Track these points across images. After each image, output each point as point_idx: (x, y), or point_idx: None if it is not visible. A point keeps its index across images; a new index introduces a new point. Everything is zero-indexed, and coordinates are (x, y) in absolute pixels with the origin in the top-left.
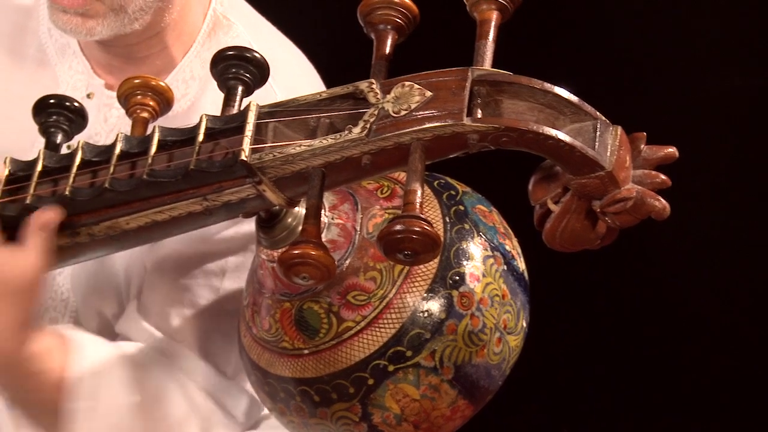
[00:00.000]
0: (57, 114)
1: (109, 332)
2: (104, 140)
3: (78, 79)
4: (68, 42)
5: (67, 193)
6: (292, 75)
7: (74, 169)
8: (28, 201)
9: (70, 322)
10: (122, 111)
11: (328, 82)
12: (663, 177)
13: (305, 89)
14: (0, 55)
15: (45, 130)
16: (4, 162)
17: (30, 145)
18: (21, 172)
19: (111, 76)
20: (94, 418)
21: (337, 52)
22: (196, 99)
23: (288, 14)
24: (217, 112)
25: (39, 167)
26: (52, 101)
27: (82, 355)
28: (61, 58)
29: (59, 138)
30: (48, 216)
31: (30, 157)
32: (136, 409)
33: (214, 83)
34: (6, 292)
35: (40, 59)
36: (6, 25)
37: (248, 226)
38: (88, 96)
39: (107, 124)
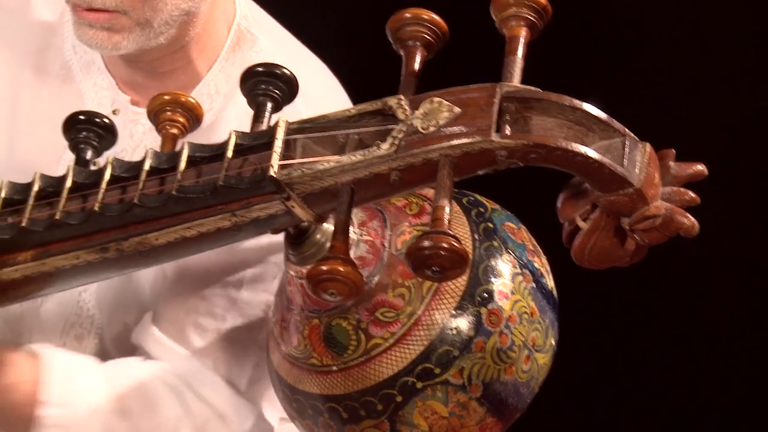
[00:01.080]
0: (87, 130)
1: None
2: (130, 156)
3: (103, 95)
4: (93, 58)
5: (96, 208)
6: (317, 90)
7: (104, 185)
8: (57, 217)
9: (96, 338)
10: (147, 126)
11: (354, 97)
12: (692, 194)
13: (330, 104)
14: (25, 73)
15: (75, 146)
16: (34, 178)
17: (55, 161)
18: (50, 188)
19: (135, 92)
20: (68, 424)
21: (362, 67)
22: (220, 113)
23: (312, 29)
24: (241, 126)
25: (68, 183)
26: (81, 117)
27: (54, 365)
28: (86, 74)
29: (89, 154)
30: None
31: (57, 174)
32: (114, 414)
33: (238, 98)
34: None
35: (64, 76)
36: (31, 43)
37: (267, 238)
38: (114, 112)
39: (133, 139)
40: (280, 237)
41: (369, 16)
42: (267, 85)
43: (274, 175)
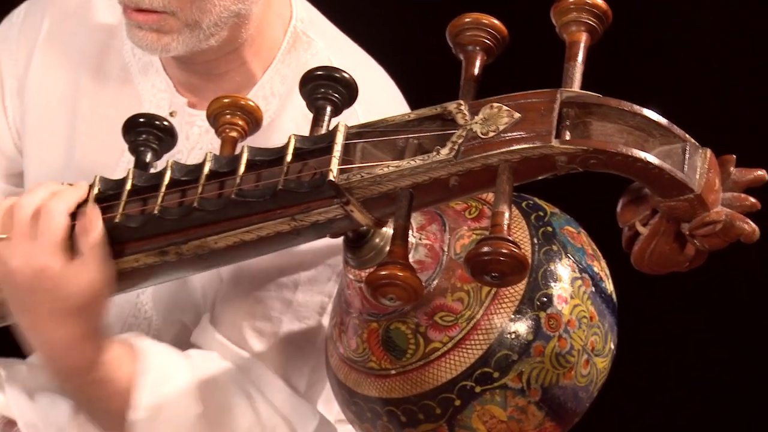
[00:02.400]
0: (146, 133)
1: (190, 348)
2: (186, 158)
3: (161, 97)
4: (151, 60)
5: (155, 212)
6: (374, 93)
7: (163, 188)
8: (117, 220)
9: (154, 339)
10: (203, 128)
11: (409, 101)
12: (752, 200)
13: (387, 107)
14: (85, 75)
15: (135, 149)
16: (94, 181)
17: (114, 163)
18: (110, 190)
19: (192, 93)
20: (156, 428)
21: (418, 70)
22: (275, 116)
23: (368, 32)
24: (296, 128)
25: (128, 186)
26: (141, 120)
27: (149, 364)
28: (144, 76)
29: (149, 157)
30: (90, 221)
31: (115, 176)
32: (199, 419)
33: (294, 100)
34: (67, 308)
35: (124, 78)
36: (91, 45)
37: (322, 240)
38: (171, 114)
39: (189, 141)
40: (335, 238)
41: (424, 20)
42: (327, 88)
43: (334, 180)
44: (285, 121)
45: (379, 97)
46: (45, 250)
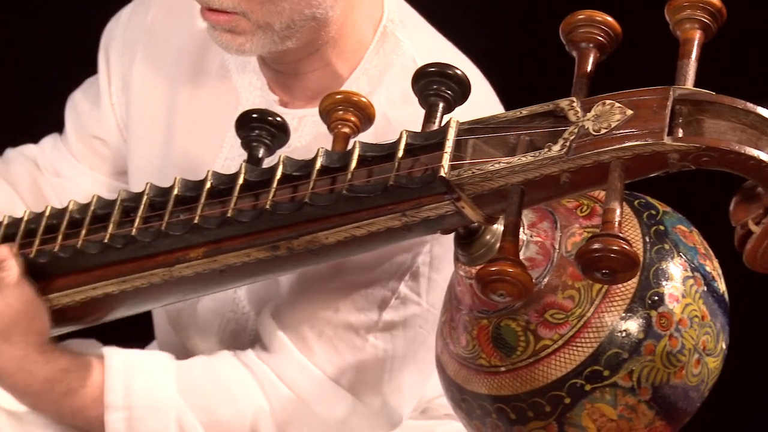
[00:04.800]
0: (259, 128)
1: None
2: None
3: (256, 94)
4: (248, 58)
5: (267, 206)
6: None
7: (275, 184)
8: (229, 214)
9: (251, 335)
10: (293, 126)
11: (506, 102)
12: None
13: (481, 107)
14: (184, 71)
15: (247, 144)
16: (206, 175)
17: (212, 159)
18: (222, 185)
19: (283, 92)
20: (136, 427)
21: (512, 69)
22: None
23: (463, 31)
24: (379, 126)
25: (240, 181)
26: (254, 115)
27: (115, 364)
28: (241, 74)
29: (261, 152)
30: None
31: (219, 171)
32: (191, 408)
33: (380, 99)
34: None
35: (222, 75)
36: (191, 42)
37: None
38: None
39: None
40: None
41: (517, 18)
42: (439, 85)
43: (445, 176)
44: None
45: (475, 98)
46: None
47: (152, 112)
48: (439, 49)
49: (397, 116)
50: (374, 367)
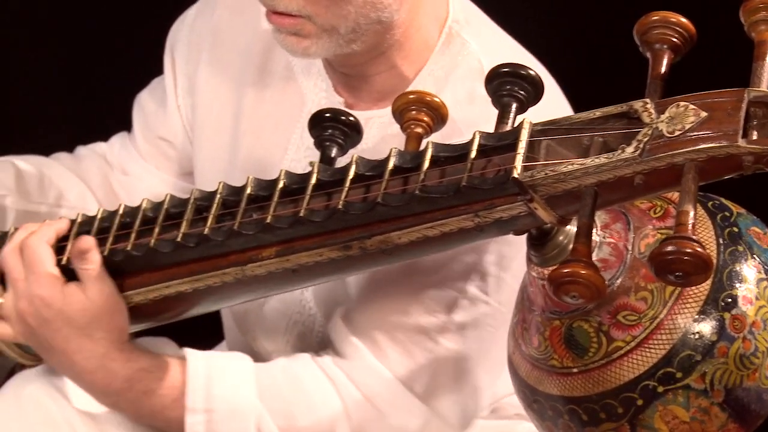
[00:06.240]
0: (332, 128)
1: None
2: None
3: (322, 96)
4: (314, 60)
5: (339, 206)
6: None
7: (347, 183)
8: (302, 214)
9: (318, 336)
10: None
11: (575, 104)
12: None
13: (549, 109)
14: (250, 72)
15: (320, 144)
16: (279, 175)
17: (279, 160)
18: (295, 185)
19: (349, 94)
20: (215, 429)
21: (579, 70)
22: None
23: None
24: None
25: (313, 180)
26: (327, 115)
27: (197, 367)
28: (306, 75)
29: (334, 152)
30: (81, 244)
31: (287, 170)
32: (270, 413)
33: (445, 100)
34: (77, 330)
35: (287, 77)
36: (256, 44)
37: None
38: None
39: None
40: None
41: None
42: (512, 85)
43: (518, 177)
44: None
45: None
46: (38, 281)
47: (218, 114)
48: (506, 49)
49: (463, 116)
50: (447, 370)
